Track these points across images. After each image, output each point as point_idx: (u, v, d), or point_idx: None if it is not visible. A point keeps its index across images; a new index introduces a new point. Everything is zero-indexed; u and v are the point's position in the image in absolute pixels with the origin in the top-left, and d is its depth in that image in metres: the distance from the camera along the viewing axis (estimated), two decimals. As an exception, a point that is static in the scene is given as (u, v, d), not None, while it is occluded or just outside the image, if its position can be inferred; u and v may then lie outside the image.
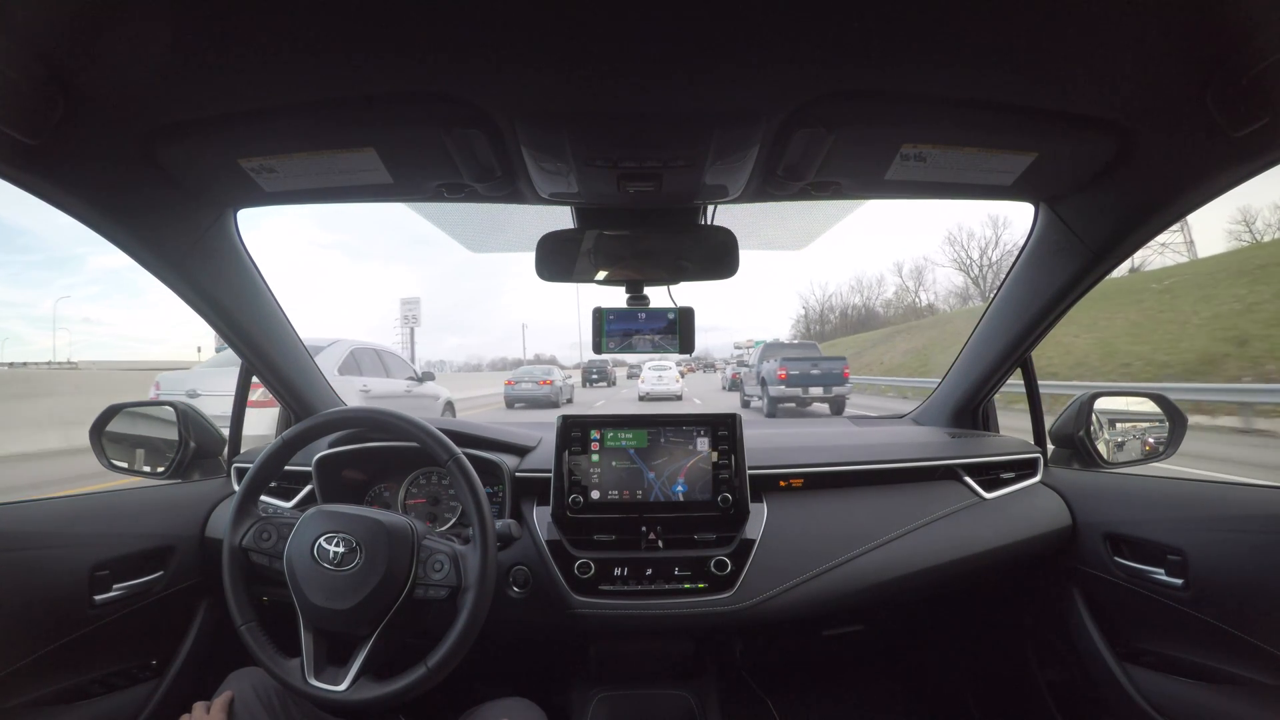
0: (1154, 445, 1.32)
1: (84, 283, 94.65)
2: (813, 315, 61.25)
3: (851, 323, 53.40)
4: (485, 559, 0.87)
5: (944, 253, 58.61)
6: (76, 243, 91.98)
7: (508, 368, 39.60)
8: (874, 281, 63.61)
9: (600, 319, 1.14)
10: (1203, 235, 28.81)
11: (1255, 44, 0.63)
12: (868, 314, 52.75)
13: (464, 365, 42.16)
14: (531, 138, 0.84)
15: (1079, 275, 1.10)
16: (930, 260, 71.97)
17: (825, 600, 1.12)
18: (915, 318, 40.84)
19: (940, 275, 52.76)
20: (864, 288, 59.12)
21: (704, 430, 1.18)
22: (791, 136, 0.84)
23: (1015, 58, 0.69)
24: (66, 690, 0.98)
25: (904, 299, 49.31)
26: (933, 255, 75.01)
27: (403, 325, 28.47)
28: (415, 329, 28.01)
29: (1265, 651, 0.88)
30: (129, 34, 0.62)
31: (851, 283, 79.26)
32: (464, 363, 57.92)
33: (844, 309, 55.85)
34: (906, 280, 50.55)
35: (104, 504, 1.13)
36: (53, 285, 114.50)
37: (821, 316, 59.17)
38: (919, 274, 50.75)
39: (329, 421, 0.98)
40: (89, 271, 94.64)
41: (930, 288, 49.43)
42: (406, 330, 27.91)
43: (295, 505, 1.24)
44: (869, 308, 53.02)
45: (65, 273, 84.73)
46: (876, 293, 53.51)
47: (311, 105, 0.77)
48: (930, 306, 44.27)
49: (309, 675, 0.84)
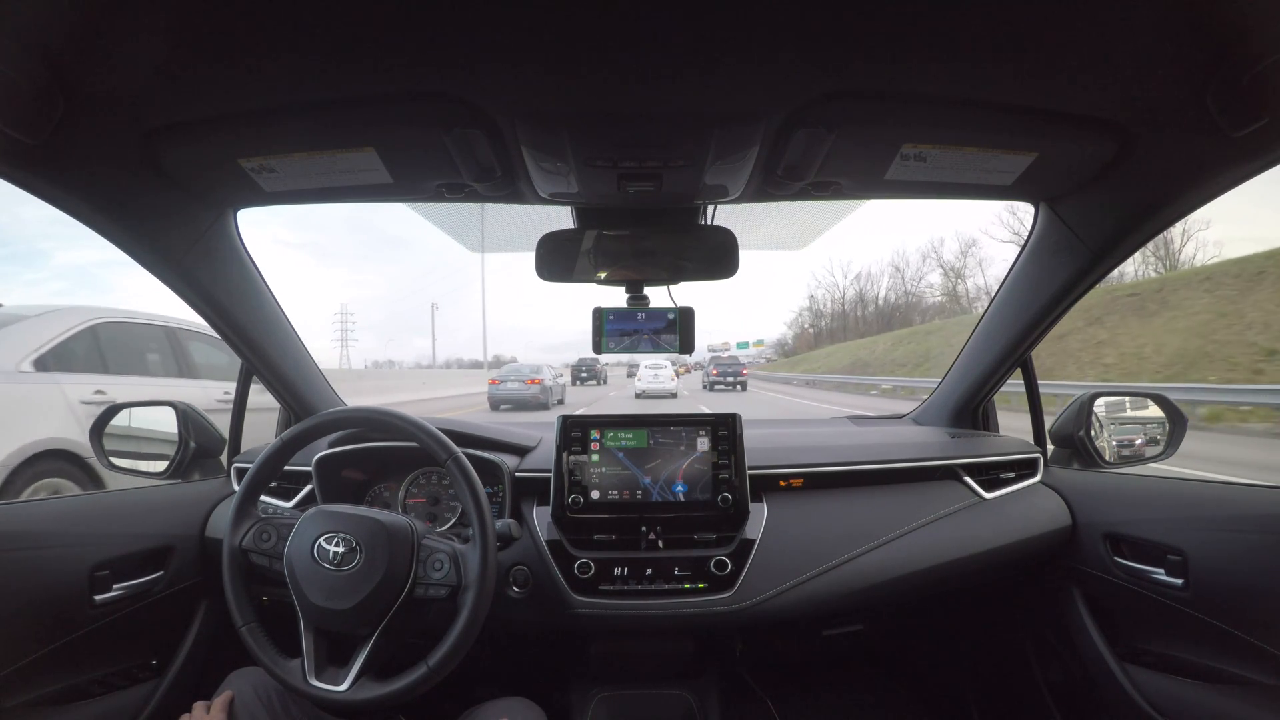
0: (1154, 445, 1.32)
1: (49, 278, 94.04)
2: (826, 310, 54.32)
3: (887, 313, 46.77)
4: (485, 558, 0.87)
5: (1003, 224, 37.91)
6: (42, 238, 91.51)
7: (463, 367, 39.14)
8: (915, 259, 55.36)
9: (600, 319, 1.14)
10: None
11: (1255, 44, 0.63)
12: (907, 305, 46.55)
13: (414, 365, 40.70)
14: (531, 138, 0.84)
15: (1079, 275, 1.10)
16: (987, 233, 57.97)
17: (825, 600, 1.12)
18: (962, 311, 37.29)
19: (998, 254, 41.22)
20: (904, 273, 49.41)
21: (704, 430, 1.18)
22: (791, 137, 0.84)
23: (1015, 58, 0.69)
24: (66, 690, 0.98)
25: (947, 285, 43.51)
26: (991, 228, 57.62)
27: (341, 335, 29.07)
28: (349, 337, 28.31)
29: (1265, 651, 0.88)
30: (129, 34, 0.62)
31: (891, 267, 60.80)
32: (416, 363, 55.91)
33: (876, 301, 49.31)
34: (953, 262, 42.52)
35: (104, 504, 1.13)
36: (17, 280, 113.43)
37: (842, 311, 51.79)
38: (965, 252, 42.55)
39: (329, 421, 0.98)
40: (54, 267, 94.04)
41: (986, 267, 39.53)
42: (341, 339, 28.40)
43: (295, 505, 1.24)
44: (911, 295, 46.18)
45: (30, 268, 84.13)
46: (917, 276, 46.55)
47: (311, 105, 0.77)
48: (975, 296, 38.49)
49: (309, 675, 0.84)
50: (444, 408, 13.54)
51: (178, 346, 4.07)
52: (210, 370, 4.21)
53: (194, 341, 4.18)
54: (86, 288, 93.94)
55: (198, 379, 4.06)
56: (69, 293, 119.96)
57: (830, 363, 37.16)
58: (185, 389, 3.85)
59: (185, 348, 4.11)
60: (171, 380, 3.90)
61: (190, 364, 4.09)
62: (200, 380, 4.06)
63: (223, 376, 4.18)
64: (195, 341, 4.19)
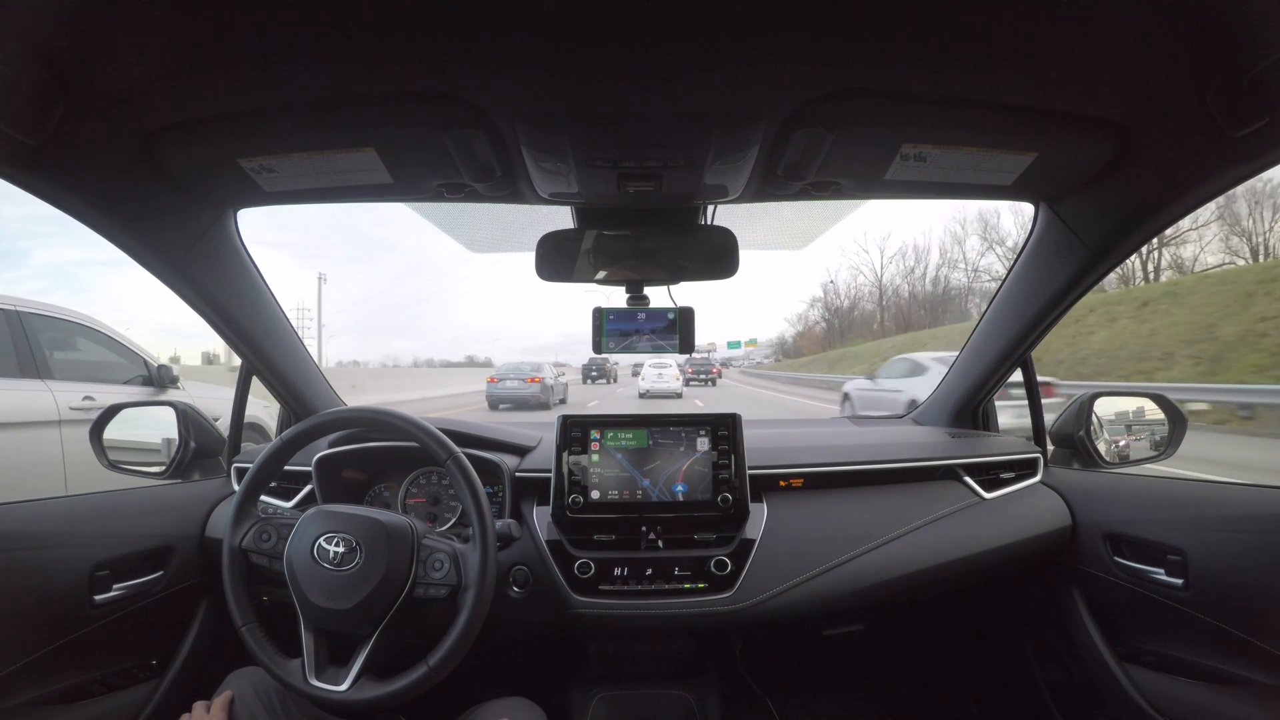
0: (1154, 445, 1.32)
1: (27, 277, 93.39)
2: (849, 298, 45.84)
3: (937, 301, 38.34)
4: (485, 558, 0.87)
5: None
6: (20, 236, 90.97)
7: (433, 367, 38.38)
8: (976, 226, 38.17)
9: (600, 319, 1.14)
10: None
11: (1255, 44, 0.63)
12: (945, 297, 39.08)
13: (379, 366, 38.18)
14: (531, 138, 0.84)
15: (1079, 275, 1.10)
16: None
17: (825, 600, 1.12)
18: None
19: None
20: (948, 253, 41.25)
21: (704, 430, 1.18)
22: (791, 137, 0.84)
23: (1015, 58, 0.69)
24: (66, 690, 0.98)
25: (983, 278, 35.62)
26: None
27: (299, 330, 29.80)
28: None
29: (1265, 651, 0.88)
30: (129, 34, 0.62)
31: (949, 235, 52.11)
32: (382, 364, 53.45)
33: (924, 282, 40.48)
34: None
35: (104, 504, 1.13)
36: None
37: (878, 294, 42.34)
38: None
39: (329, 421, 0.98)
40: (32, 266, 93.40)
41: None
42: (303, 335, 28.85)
43: (295, 505, 1.24)
44: (976, 273, 36.24)
45: (7, 266, 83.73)
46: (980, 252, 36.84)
47: (311, 105, 0.77)
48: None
49: (310, 675, 0.84)
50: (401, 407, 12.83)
51: (21, 336, 3.07)
52: (71, 368, 3.32)
53: (57, 332, 3.27)
54: (64, 286, 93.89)
55: (47, 379, 3.10)
56: (47, 292, 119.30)
57: (847, 369, 28.50)
58: (22, 394, 2.94)
59: (34, 338, 3.13)
60: (9, 381, 2.94)
61: (40, 359, 3.13)
62: (51, 382, 3.11)
63: (87, 377, 3.35)
64: (59, 332, 3.30)
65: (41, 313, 3.25)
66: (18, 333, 3.08)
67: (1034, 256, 1.17)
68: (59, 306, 3.37)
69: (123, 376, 3.68)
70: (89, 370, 3.49)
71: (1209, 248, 25.60)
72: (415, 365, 42.67)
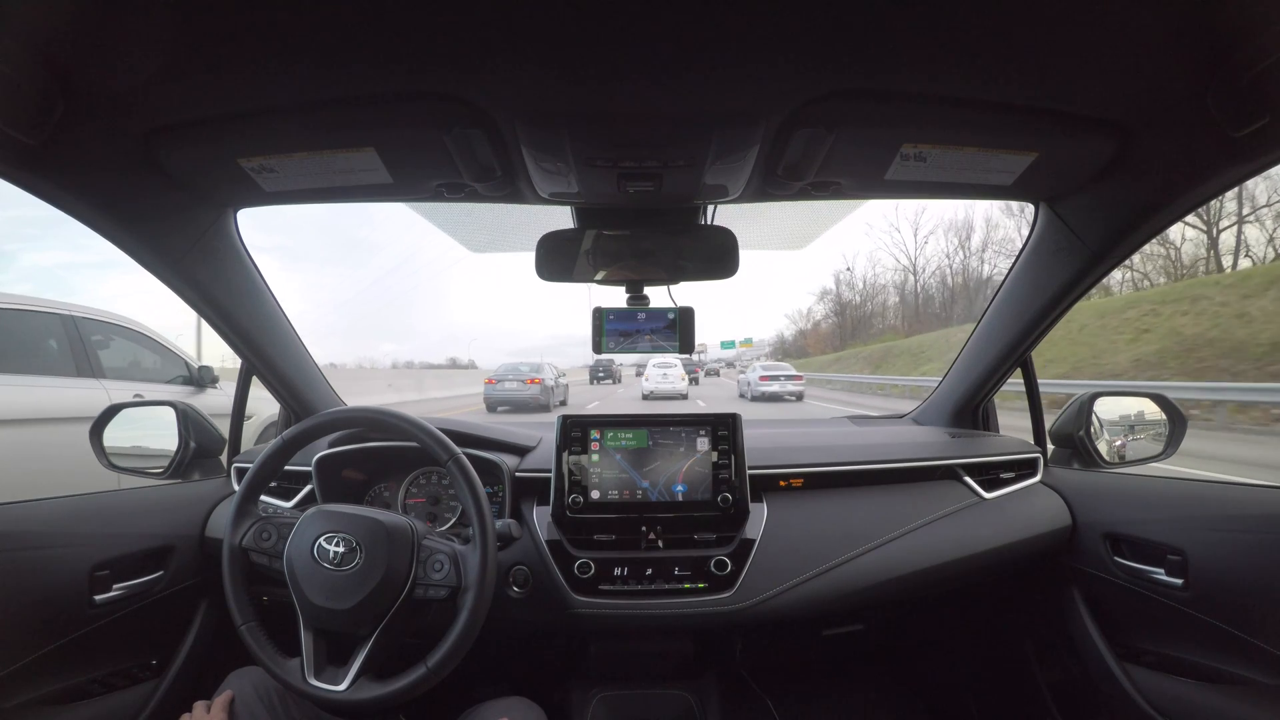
0: (1154, 445, 1.32)
1: (14, 280, 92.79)
2: (868, 289, 40.87)
3: (974, 290, 34.17)
4: (485, 559, 0.87)
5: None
6: (7, 239, 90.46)
7: (413, 369, 37.95)
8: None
9: (600, 319, 1.14)
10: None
11: (1255, 44, 0.63)
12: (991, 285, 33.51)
13: (356, 368, 37.06)
14: (532, 138, 0.84)
15: (1079, 275, 1.10)
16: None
17: (825, 600, 1.12)
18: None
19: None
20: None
21: (704, 430, 1.18)
22: (791, 137, 0.84)
23: (1015, 58, 0.69)
24: (66, 690, 0.98)
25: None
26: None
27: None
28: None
29: (1265, 651, 0.88)
30: (129, 34, 0.62)
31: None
32: (359, 365, 51.89)
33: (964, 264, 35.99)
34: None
35: (104, 504, 1.13)
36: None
37: (913, 281, 37.95)
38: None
39: (329, 421, 0.98)
40: (19, 269, 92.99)
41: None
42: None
43: (295, 505, 1.24)
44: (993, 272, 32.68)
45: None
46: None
47: (311, 105, 0.77)
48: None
49: (309, 675, 0.84)
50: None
51: (76, 339, 3.28)
52: (119, 369, 3.56)
53: (101, 334, 3.48)
54: (52, 289, 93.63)
55: (101, 379, 3.32)
56: (34, 295, 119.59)
57: (904, 370, 24.99)
58: (81, 391, 3.15)
59: (87, 340, 3.34)
60: (68, 380, 3.15)
61: (94, 361, 3.35)
62: (105, 381, 3.33)
63: (135, 377, 3.61)
64: (104, 334, 3.50)
65: (90, 316, 3.46)
66: (73, 335, 3.29)
67: (1034, 256, 1.17)
68: (103, 310, 3.59)
69: (165, 376, 3.92)
70: (135, 370, 3.75)
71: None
72: (394, 367, 42.06)
